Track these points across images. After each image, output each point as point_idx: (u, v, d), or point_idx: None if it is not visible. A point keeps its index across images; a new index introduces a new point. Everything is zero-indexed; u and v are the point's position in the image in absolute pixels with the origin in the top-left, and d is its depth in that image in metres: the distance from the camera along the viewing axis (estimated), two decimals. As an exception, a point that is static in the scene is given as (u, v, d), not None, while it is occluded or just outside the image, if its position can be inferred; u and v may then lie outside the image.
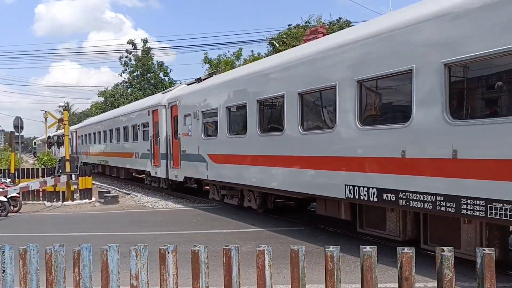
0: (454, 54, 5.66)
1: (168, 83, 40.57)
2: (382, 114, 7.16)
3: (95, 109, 43.53)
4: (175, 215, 12.62)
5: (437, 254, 2.81)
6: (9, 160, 19.36)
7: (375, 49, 6.94)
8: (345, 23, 31.67)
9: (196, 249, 3.21)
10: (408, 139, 6.34)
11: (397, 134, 6.56)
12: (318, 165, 8.22)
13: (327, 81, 7.91)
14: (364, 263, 2.85)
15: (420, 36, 6.17)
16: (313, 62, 8.42)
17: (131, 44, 40.89)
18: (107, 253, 3.39)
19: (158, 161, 16.28)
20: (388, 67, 6.63)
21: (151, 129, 16.84)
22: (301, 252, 2.99)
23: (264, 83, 9.88)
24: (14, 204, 13.97)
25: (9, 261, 3.56)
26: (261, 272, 3.06)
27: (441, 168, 5.89)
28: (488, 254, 2.70)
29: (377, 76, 6.91)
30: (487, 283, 2.68)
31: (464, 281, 5.65)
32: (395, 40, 6.59)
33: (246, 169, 10.61)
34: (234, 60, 37.49)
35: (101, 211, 14.35)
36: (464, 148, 5.62)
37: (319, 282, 5.65)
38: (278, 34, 32.13)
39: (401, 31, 6.50)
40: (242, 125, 10.90)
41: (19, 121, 17.70)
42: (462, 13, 5.60)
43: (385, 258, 6.46)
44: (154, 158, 16.68)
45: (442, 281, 2.76)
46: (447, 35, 5.78)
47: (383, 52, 6.78)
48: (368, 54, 7.06)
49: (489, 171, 5.33)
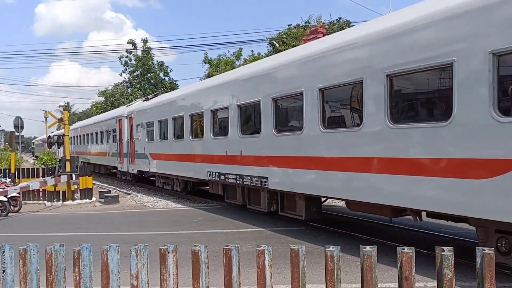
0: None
1: (168, 83, 40.57)
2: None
3: (95, 109, 43.48)
4: (176, 215, 12.62)
5: (437, 253, 2.81)
6: (9, 160, 19.38)
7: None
8: (345, 23, 31.68)
9: (197, 249, 3.21)
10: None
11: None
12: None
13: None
14: (364, 263, 2.85)
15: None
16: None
17: (131, 44, 40.89)
18: (108, 253, 3.39)
19: (122, 159, 20.96)
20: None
21: (118, 134, 21.43)
22: (301, 252, 2.99)
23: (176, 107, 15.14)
24: (15, 204, 13.98)
25: (9, 261, 3.55)
26: (262, 272, 3.06)
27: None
28: (488, 254, 2.69)
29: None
30: (487, 283, 2.68)
31: (464, 281, 5.66)
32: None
33: (170, 163, 15.45)
34: (234, 60, 37.52)
35: (102, 211, 14.36)
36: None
37: (319, 282, 5.65)
38: (278, 34, 32.14)
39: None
40: (166, 133, 15.62)
41: (19, 121, 17.71)
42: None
43: (385, 258, 6.46)
44: (120, 156, 21.29)
45: (442, 281, 2.76)
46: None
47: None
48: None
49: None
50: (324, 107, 8.08)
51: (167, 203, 15.02)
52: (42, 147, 63.76)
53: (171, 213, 13.10)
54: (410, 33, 6.36)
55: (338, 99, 8.11)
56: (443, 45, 5.84)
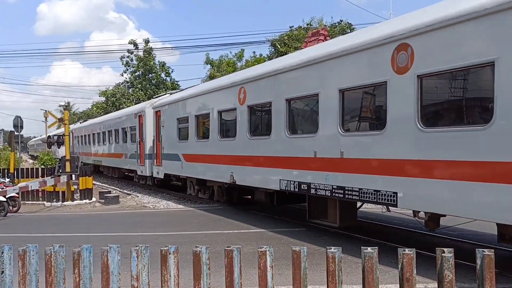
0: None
1: (170, 84, 40.57)
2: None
3: (96, 108, 43.47)
4: (177, 215, 12.61)
5: (438, 255, 2.81)
6: (9, 160, 19.36)
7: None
8: (346, 26, 31.75)
9: (198, 250, 3.21)
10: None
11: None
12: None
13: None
14: (365, 264, 2.85)
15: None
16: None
17: (133, 44, 40.89)
18: (108, 254, 3.38)
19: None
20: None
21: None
22: (303, 253, 2.99)
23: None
24: (13, 204, 13.94)
25: (8, 262, 3.54)
26: (263, 273, 3.05)
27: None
28: (488, 255, 2.69)
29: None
30: (487, 284, 2.68)
31: (465, 282, 5.64)
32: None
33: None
34: (235, 61, 37.57)
35: (102, 211, 14.34)
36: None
37: (320, 283, 5.64)
38: (280, 36, 32.17)
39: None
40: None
41: (19, 121, 17.67)
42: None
43: (386, 259, 6.45)
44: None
45: (443, 282, 2.76)
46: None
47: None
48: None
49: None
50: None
51: (168, 204, 15.00)
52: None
53: (172, 214, 13.08)
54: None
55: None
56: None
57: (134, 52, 41.00)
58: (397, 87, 6.73)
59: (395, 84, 6.76)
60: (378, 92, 7.32)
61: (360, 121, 7.86)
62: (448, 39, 6.00)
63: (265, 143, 10.07)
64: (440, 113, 6.51)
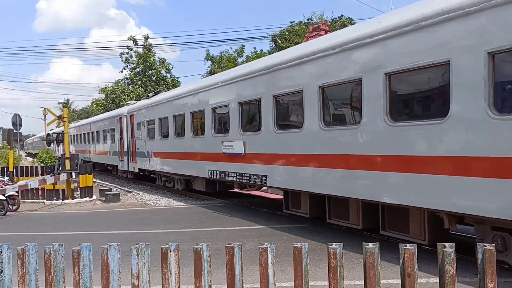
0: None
1: (170, 80, 40.45)
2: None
3: (95, 105, 43.38)
4: (178, 213, 12.60)
5: (439, 250, 2.80)
6: (8, 158, 19.35)
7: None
8: (347, 21, 31.66)
9: (199, 247, 3.19)
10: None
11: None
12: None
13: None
14: (367, 259, 2.83)
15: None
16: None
17: (132, 40, 40.73)
18: (108, 252, 3.36)
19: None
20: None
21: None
22: (304, 249, 2.97)
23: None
24: (13, 202, 13.94)
25: (7, 261, 3.52)
26: (264, 270, 3.04)
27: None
28: (489, 250, 2.69)
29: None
30: (488, 278, 2.68)
31: (466, 277, 5.64)
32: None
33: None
34: (236, 57, 37.48)
35: (102, 209, 14.34)
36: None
37: (322, 279, 5.63)
38: (281, 31, 32.11)
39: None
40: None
41: (18, 119, 17.63)
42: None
43: (388, 255, 6.45)
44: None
45: (444, 277, 2.75)
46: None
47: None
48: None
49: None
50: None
51: (169, 201, 15.00)
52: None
53: (173, 211, 13.08)
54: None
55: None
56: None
57: (133, 48, 40.86)
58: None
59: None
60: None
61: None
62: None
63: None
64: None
